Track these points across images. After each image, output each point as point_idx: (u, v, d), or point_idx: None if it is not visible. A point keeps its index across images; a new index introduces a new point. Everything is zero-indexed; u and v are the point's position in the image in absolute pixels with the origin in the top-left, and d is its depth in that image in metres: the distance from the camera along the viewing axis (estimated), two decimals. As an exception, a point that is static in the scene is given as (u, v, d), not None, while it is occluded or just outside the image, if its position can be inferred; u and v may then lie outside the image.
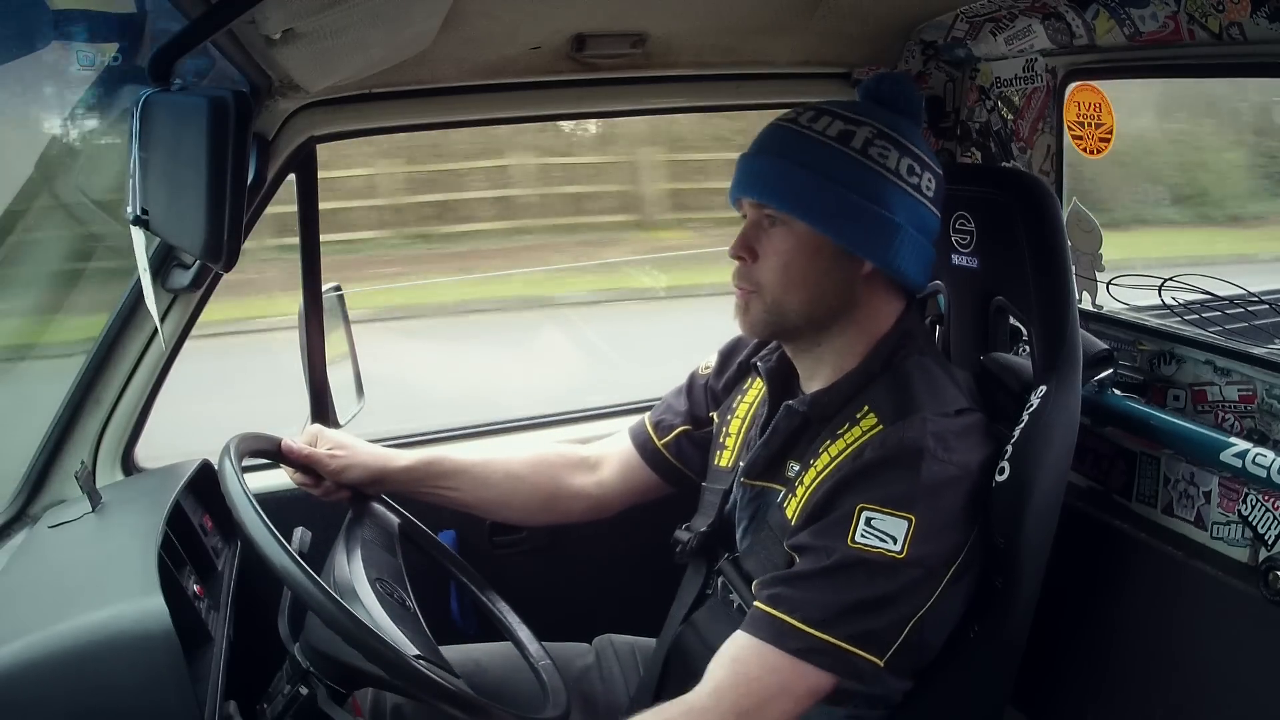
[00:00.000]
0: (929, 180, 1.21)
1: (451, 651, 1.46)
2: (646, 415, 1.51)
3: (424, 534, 1.51)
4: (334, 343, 1.67)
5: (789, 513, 1.19)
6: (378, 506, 1.45)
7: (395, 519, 1.45)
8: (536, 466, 1.50)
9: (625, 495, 1.51)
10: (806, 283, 1.19)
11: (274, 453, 1.40)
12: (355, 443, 1.46)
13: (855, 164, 1.18)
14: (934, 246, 1.24)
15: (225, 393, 4.20)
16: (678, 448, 1.46)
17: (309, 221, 1.61)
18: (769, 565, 1.19)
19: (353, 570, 1.26)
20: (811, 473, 1.18)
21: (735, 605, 1.24)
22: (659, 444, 1.47)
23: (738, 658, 1.13)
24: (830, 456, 1.17)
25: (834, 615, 1.09)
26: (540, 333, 6.39)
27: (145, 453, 1.62)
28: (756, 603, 1.15)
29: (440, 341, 6.21)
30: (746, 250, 1.21)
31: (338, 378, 1.68)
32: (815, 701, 1.13)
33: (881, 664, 1.11)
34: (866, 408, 1.18)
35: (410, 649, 1.14)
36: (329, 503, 1.45)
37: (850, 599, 1.10)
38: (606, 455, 1.52)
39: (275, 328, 5.33)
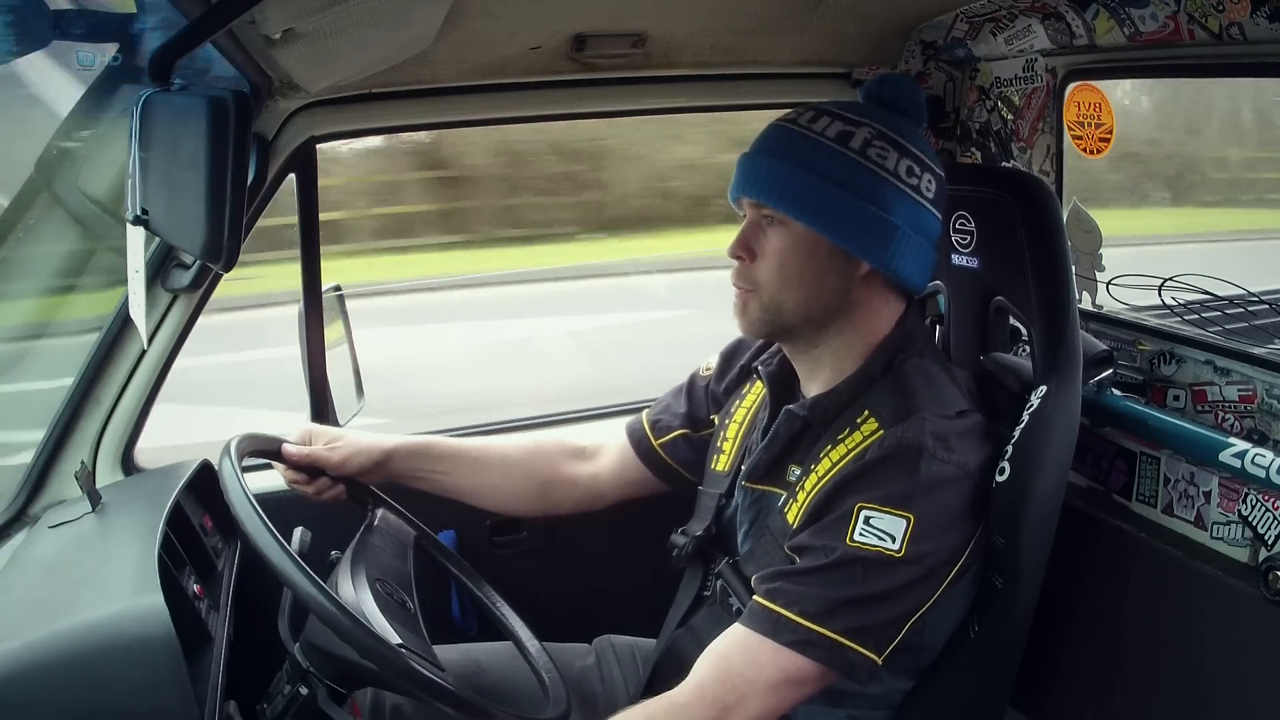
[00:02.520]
0: (929, 182, 1.21)
1: (452, 651, 1.46)
2: (644, 413, 1.51)
3: (436, 543, 1.51)
4: (334, 342, 1.67)
5: (790, 517, 1.19)
6: (393, 518, 1.45)
7: (411, 530, 1.46)
8: (532, 453, 1.50)
9: (619, 488, 1.50)
10: (804, 282, 1.19)
11: (274, 454, 1.40)
12: (348, 433, 1.47)
13: (853, 164, 1.18)
14: (935, 248, 1.24)
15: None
16: (674, 449, 1.46)
17: (309, 221, 1.61)
18: (769, 568, 1.19)
19: (354, 570, 1.26)
20: (813, 477, 1.18)
21: (734, 609, 1.24)
22: (655, 444, 1.47)
23: (724, 653, 1.13)
24: (831, 461, 1.17)
25: (830, 609, 1.10)
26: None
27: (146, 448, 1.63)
28: (755, 597, 1.15)
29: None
30: (745, 250, 1.21)
31: (338, 377, 1.68)
32: (801, 696, 1.13)
33: (879, 661, 1.11)
34: (867, 412, 1.18)
35: (394, 637, 1.14)
36: (328, 503, 1.45)
37: (848, 594, 1.10)
38: (603, 446, 1.52)
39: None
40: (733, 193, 1.24)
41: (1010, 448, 1.19)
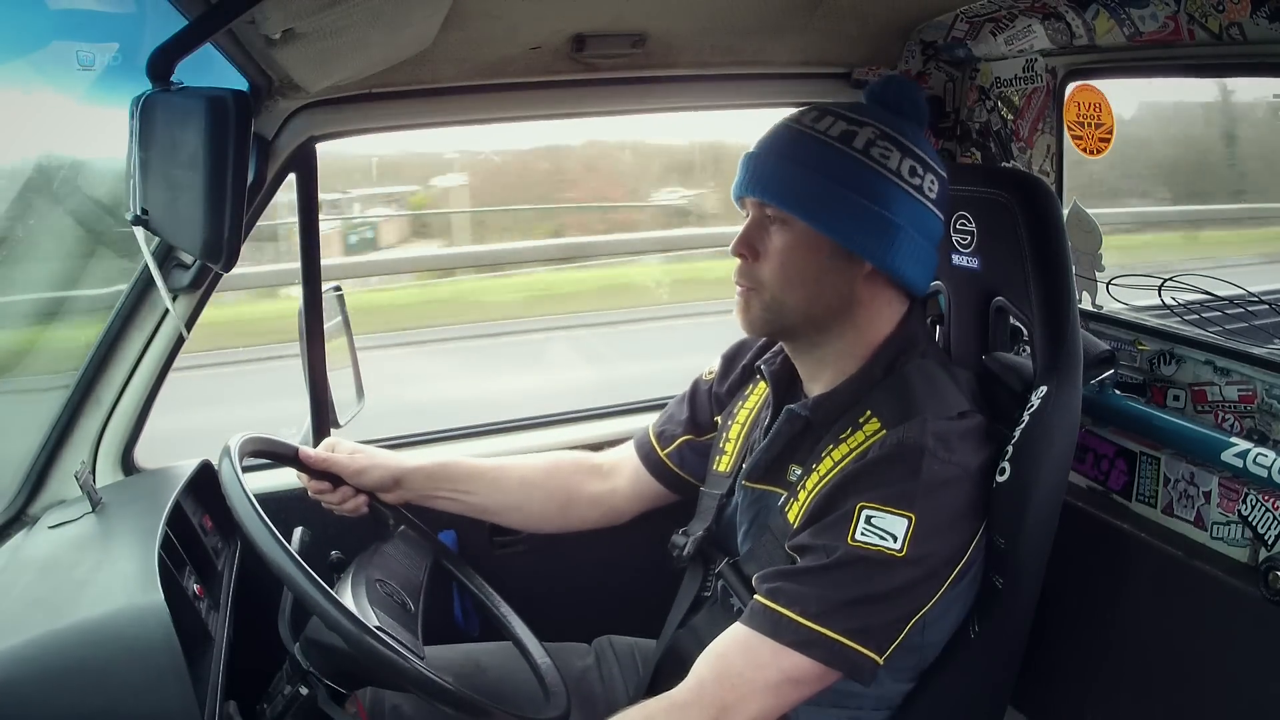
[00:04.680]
0: (931, 182, 1.21)
1: (452, 652, 1.47)
2: (650, 425, 1.51)
3: (453, 557, 1.51)
4: (334, 343, 1.66)
5: (790, 517, 1.19)
6: (410, 533, 1.45)
7: (429, 545, 1.46)
8: (551, 473, 1.51)
9: (637, 503, 1.51)
10: (805, 281, 1.20)
11: (291, 459, 1.40)
12: (368, 448, 1.47)
13: (856, 163, 1.18)
14: (937, 249, 1.24)
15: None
16: (680, 457, 1.47)
17: (309, 221, 1.61)
18: (770, 568, 1.19)
19: (357, 572, 1.27)
20: (814, 477, 1.18)
21: (735, 609, 1.24)
22: (662, 454, 1.47)
23: (724, 653, 1.13)
24: (833, 461, 1.17)
25: (831, 609, 1.10)
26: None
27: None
28: (756, 596, 1.15)
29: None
30: (747, 248, 1.21)
31: (338, 378, 1.68)
32: (801, 696, 1.13)
33: (880, 661, 1.11)
34: (869, 412, 1.18)
35: (373, 620, 1.14)
36: (349, 515, 1.44)
37: (849, 594, 1.10)
38: (618, 463, 1.52)
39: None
40: (736, 192, 1.24)
41: (1011, 448, 1.19)
